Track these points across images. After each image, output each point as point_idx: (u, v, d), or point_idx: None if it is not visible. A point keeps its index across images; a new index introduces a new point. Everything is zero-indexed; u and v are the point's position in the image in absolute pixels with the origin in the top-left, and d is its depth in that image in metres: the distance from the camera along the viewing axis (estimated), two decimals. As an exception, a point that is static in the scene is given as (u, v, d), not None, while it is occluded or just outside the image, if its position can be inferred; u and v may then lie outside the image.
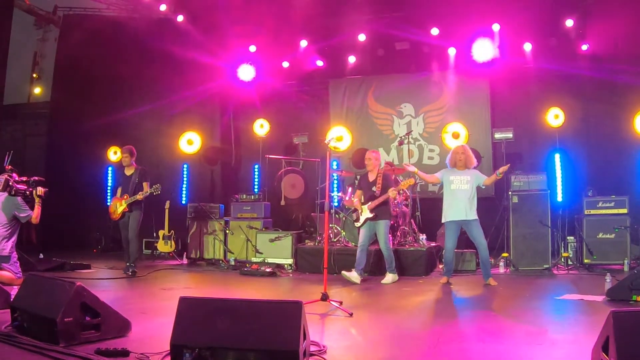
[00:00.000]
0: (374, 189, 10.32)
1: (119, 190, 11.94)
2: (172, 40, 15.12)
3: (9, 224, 9.36)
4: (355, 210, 10.76)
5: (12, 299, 6.40)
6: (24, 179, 9.70)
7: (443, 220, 10.12)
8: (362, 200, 10.52)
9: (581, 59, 13.24)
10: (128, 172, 11.93)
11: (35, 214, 9.56)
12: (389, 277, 10.37)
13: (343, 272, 10.35)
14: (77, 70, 16.83)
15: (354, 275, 10.26)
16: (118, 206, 11.70)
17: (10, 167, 9.66)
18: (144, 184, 11.60)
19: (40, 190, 9.58)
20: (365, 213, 10.36)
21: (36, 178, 9.75)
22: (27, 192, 9.55)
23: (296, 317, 4.57)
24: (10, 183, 9.46)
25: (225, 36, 15.50)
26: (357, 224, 10.58)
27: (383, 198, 10.15)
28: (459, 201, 9.95)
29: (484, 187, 10.42)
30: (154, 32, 15.27)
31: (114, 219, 11.96)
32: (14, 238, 9.43)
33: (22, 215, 9.44)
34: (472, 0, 12.92)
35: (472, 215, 9.92)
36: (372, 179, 10.54)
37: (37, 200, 9.56)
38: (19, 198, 9.49)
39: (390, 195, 10.16)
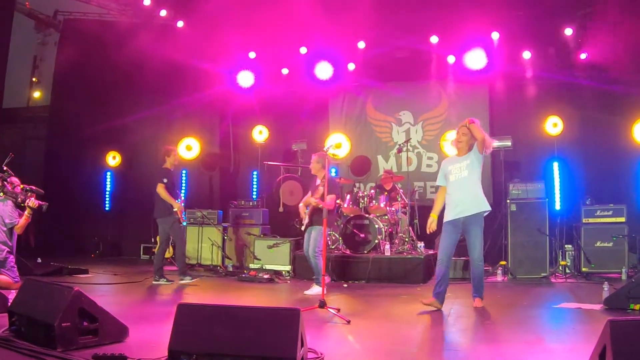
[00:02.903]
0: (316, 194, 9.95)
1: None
2: (172, 46, 15.13)
3: (4, 228, 9.29)
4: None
5: (9, 304, 6.39)
6: (20, 185, 9.49)
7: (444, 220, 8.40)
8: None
9: (580, 67, 13.29)
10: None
11: (20, 224, 9.29)
12: (314, 289, 9.75)
13: (305, 292, 9.85)
14: (76, 74, 16.88)
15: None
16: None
17: (5, 168, 9.51)
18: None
19: (32, 202, 9.10)
20: (306, 218, 10.17)
21: (33, 187, 9.52)
22: (19, 200, 9.34)
23: (294, 324, 4.57)
24: (1, 183, 9.31)
25: (225, 42, 15.52)
26: (302, 229, 10.44)
27: (311, 208, 9.89)
28: (460, 193, 8.11)
29: (483, 154, 8.18)
30: (153, 38, 15.29)
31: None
32: (10, 243, 9.37)
33: (7, 221, 9.25)
34: (471, 8, 12.92)
35: (475, 208, 8.02)
36: (317, 183, 10.12)
37: (27, 210, 9.21)
38: (10, 203, 9.30)
39: (312, 203, 9.83)
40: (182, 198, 11.72)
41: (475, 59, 13.74)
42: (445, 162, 8.56)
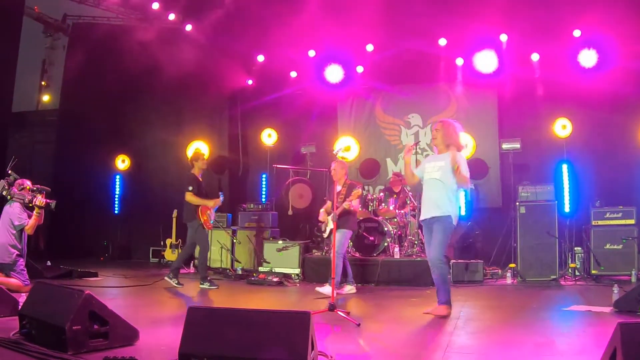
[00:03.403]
0: (339, 199, 10.20)
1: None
2: (181, 49, 15.19)
3: (13, 230, 9.34)
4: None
5: (20, 307, 6.43)
6: (30, 186, 9.55)
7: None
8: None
9: (589, 69, 13.23)
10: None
11: (30, 225, 9.36)
12: (327, 288, 9.87)
13: (317, 288, 10.13)
14: (86, 78, 16.95)
15: (347, 288, 10.31)
16: (210, 216, 11.35)
17: (10, 171, 9.54)
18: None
19: (40, 200, 9.25)
20: (330, 224, 10.38)
21: (38, 186, 9.55)
22: (26, 200, 9.41)
23: (304, 328, 4.57)
24: (6, 186, 9.36)
25: (233, 46, 15.56)
26: (324, 235, 10.55)
27: (339, 210, 10.00)
28: (429, 192, 8.06)
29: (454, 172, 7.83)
30: (162, 42, 15.34)
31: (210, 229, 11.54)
32: (20, 245, 9.41)
33: (16, 223, 9.30)
34: (479, 10, 12.91)
35: (439, 211, 7.85)
36: (338, 189, 10.34)
37: (36, 210, 9.32)
38: (17, 205, 9.37)
39: (345, 206, 10.01)
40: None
41: (486, 61, 13.75)
42: (425, 159, 8.76)
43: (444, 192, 7.85)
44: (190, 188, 11.08)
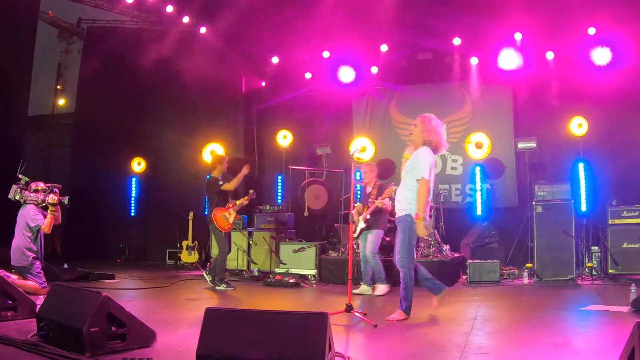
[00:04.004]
0: (370, 200, 10.50)
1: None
2: (195, 52, 15.26)
3: (29, 233, 9.41)
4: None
5: (37, 309, 6.47)
6: (43, 187, 9.63)
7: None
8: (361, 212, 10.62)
9: (604, 67, 13.16)
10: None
11: (46, 223, 9.41)
12: (380, 289, 10.27)
13: (374, 293, 10.29)
14: (101, 81, 17.06)
15: (363, 288, 10.44)
16: (228, 217, 11.32)
17: (20, 175, 9.59)
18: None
19: (52, 198, 9.38)
20: (360, 224, 10.52)
21: (49, 185, 9.61)
22: (39, 200, 9.51)
23: (322, 329, 4.59)
24: (19, 190, 9.44)
25: (247, 48, 15.63)
26: (354, 235, 10.61)
27: (372, 209, 10.32)
28: (399, 192, 7.80)
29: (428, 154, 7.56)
30: (176, 44, 15.42)
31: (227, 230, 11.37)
32: (35, 248, 9.48)
33: (31, 224, 9.36)
34: (493, 9, 12.89)
35: (400, 211, 7.65)
36: (368, 191, 10.72)
37: (50, 208, 9.40)
38: (31, 207, 9.43)
39: (377, 204, 10.29)
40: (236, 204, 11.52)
41: (508, 58, 13.71)
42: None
43: (405, 191, 7.62)
44: (221, 183, 11.19)
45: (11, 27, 16.07)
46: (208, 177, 11.78)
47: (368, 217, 10.41)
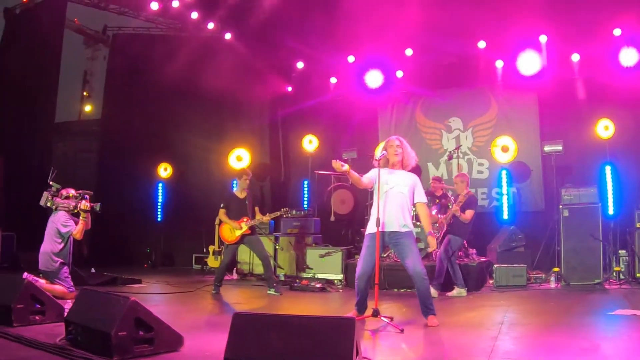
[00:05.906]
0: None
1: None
2: (220, 57, 15.34)
3: (58, 239, 9.54)
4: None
5: (65, 313, 6.55)
6: (74, 193, 9.76)
7: (367, 232, 8.05)
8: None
9: (630, 68, 13.06)
10: (242, 195, 11.45)
11: (77, 230, 9.55)
12: (455, 291, 10.63)
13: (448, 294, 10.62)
14: (127, 88, 17.29)
15: (457, 291, 10.68)
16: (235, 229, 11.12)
17: (52, 182, 9.73)
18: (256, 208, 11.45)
19: (84, 205, 9.52)
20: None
21: (80, 191, 9.76)
22: (71, 207, 9.65)
23: (349, 333, 4.61)
24: (50, 197, 9.58)
25: (272, 53, 15.70)
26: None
27: (449, 214, 10.85)
28: (394, 206, 7.85)
29: (414, 211, 8.80)
30: (201, 50, 15.53)
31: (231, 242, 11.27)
32: (64, 253, 9.60)
33: (63, 230, 9.49)
34: (518, 12, 12.84)
35: (408, 226, 7.84)
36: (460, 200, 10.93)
37: (81, 215, 9.56)
38: (62, 213, 9.58)
39: (453, 212, 10.70)
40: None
41: (528, 63, 13.66)
42: (381, 170, 7.98)
43: (408, 210, 7.93)
44: (222, 205, 11.22)
45: (38, 36, 16.33)
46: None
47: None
